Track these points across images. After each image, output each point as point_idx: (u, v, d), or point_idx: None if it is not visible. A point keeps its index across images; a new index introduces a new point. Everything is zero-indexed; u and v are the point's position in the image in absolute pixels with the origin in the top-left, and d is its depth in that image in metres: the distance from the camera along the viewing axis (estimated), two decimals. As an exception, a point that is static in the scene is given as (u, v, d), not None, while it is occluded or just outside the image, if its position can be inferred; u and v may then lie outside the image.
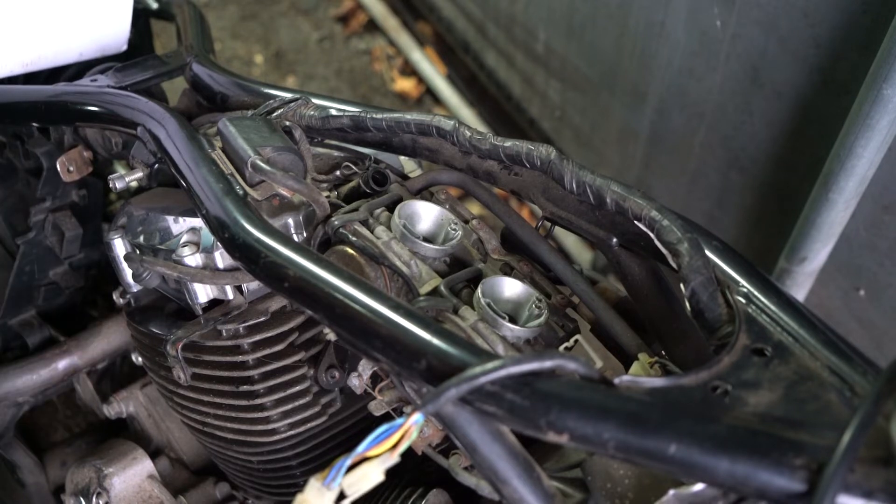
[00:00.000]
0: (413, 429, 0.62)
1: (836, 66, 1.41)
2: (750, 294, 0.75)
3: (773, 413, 0.62)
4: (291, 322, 1.07)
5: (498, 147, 0.90)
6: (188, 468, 1.36)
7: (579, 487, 0.76)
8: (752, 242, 1.80)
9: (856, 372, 0.66)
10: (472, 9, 2.69)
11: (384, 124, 0.97)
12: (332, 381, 1.09)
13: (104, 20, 1.28)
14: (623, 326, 0.89)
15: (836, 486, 0.54)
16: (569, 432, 0.62)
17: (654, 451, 0.60)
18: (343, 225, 0.92)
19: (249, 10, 3.31)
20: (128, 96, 1.12)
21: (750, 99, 1.62)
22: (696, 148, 1.83)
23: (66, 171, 1.27)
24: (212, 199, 0.89)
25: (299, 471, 1.16)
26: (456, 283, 0.89)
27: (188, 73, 1.22)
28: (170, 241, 1.06)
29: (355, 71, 3.12)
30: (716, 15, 1.61)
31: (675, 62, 1.78)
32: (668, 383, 0.65)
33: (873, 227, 1.48)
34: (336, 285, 0.76)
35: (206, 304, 1.06)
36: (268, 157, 0.93)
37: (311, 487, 0.60)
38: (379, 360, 0.73)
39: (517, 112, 2.65)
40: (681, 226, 0.77)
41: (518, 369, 0.64)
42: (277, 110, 1.04)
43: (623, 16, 1.90)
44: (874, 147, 1.28)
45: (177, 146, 0.98)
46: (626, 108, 2.03)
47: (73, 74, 1.33)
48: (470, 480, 0.79)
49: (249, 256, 0.83)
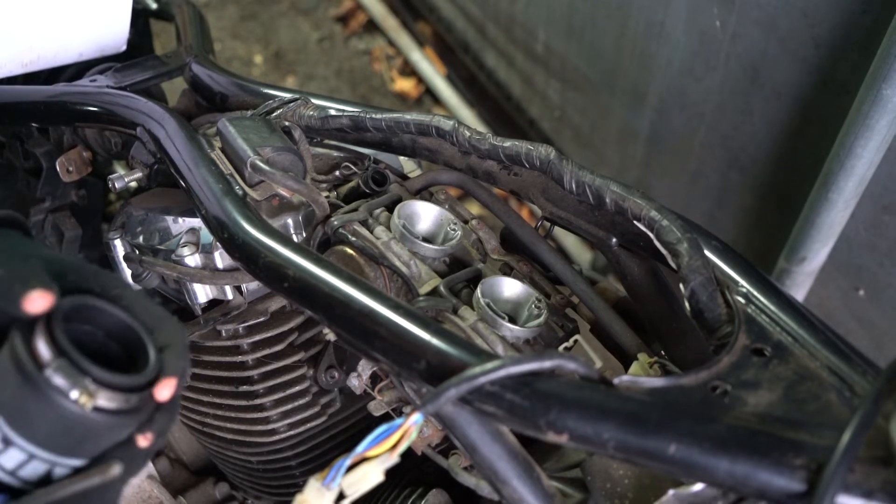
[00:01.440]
0: (413, 429, 0.62)
1: (835, 66, 1.41)
2: (749, 294, 0.75)
3: (772, 413, 0.62)
4: (291, 322, 1.07)
5: (497, 147, 0.90)
6: (188, 468, 1.36)
7: (579, 487, 0.76)
8: (752, 242, 1.80)
9: (855, 372, 0.66)
10: (472, 9, 2.69)
11: (383, 124, 0.97)
12: (332, 381, 1.09)
13: (103, 20, 1.28)
14: (622, 326, 0.89)
15: (835, 485, 0.54)
16: (568, 432, 0.62)
17: (653, 451, 0.60)
18: (342, 225, 0.92)
19: (249, 11, 3.31)
20: (127, 96, 1.12)
21: (750, 99, 1.62)
22: (695, 148, 1.83)
23: (66, 172, 1.26)
24: (211, 200, 0.89)
25: (299, 471, 1.16)
26: (455, 284, 0.89)
27: (187, 73, 1.22)
28: (169, 242, 1.06)
29: (355, 71, 3.12)
30: (715, 15, 1.61)
31: (674, 62, 1.78)
32: (668, 383, 0.65)
33: (873, 227, 1.48)
34: (335, 285, 0.76)
35: (206, 305, 1.06)
36: (267, 157, 0.93)
37: (311, 487, 0.60)
38: (378, 360, 0.73)
39: (517, 112, 2.65)
40: (680, 226, 0.77)
41: (518, 369, 0.64)
42: (277, 110, 1.04)
43: (623, 16, 1.90)
44: (874, 147, 1.28)
45: (176, 146, 0.98)
46: (625, 108, 2.03)
47: (72, 75, 1.33)
48: (469, 480, 0.79)
49: (249, 257, 0.83)
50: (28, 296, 0.53)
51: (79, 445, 0.56)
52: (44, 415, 0.54)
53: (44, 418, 0.54)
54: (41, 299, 0.54)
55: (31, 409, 0.54)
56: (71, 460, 0.56)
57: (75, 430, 0.55)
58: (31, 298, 0.53)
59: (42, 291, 0.54)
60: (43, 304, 0.54)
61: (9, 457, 0.55)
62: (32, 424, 0.54)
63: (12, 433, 0.54)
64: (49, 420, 0.54)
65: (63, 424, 0.54)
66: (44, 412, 0.54)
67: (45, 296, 0.54)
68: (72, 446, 0.55)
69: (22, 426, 0.54)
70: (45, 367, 0.53)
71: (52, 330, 0.54)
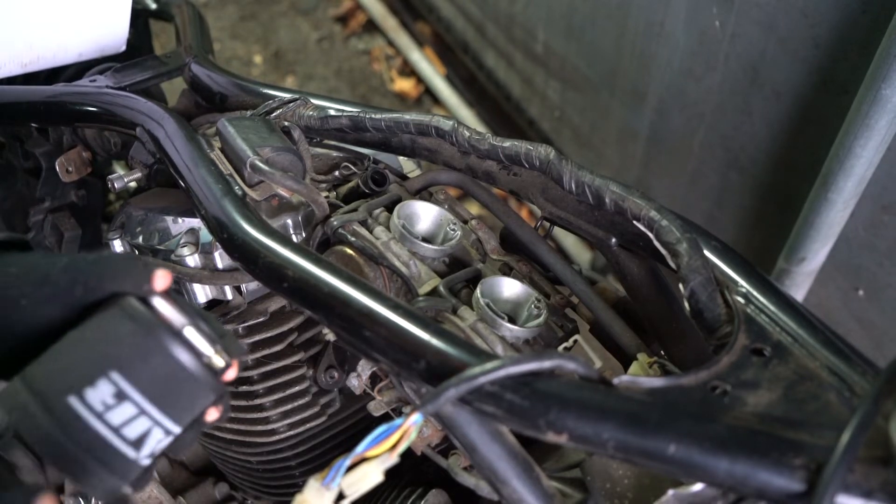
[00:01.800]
0: (412, 429, 0.62)
1: (835, 66, 1.41)
2: (749, 294, 0.75)
3: (772, 413, 0.62)
4: (290, 322, 1.07)
5: (497, 147, 0.90)
6: (187, 468, 1.36)
7: (579, 487, 0.76)
8: (752, 242, 1.80)
9: (855, 372, 0.66)
10: (472, 9, 2.69)
11: (383, 124, 0.97)
12: (332, 381, 1.09)
13: (103, 20, 1.28)
14: (622, 326, 0.89)
15: (835, 485, 0.54)
16: (568, 432, 0.62)
17: (653, 451, 0.60)
18: (342, 225, 0.92)
19: (248, 11, 3.31)
20: (127, 97, 1.12)
21: (749, 99, 1.62)
22: (695, 148, 1.83)
23: (65, 172, 1.27)
24: (211, 200, 0.89)
25: (298, 471, 1.16)
26: (455, 284, 0.89)
27: (187, 73, 1.22)
28: (169, 242, 1.06)
29: (354, 71, 3.12)
30: (715, 15, 1.61)
31: (674, 62, 1.78)
32: (668, 383, 0.65)
33: (872, 228, 1.48)
34: (335, 286, 0.76)
35: (206, 305, 1.06)
36: (267, 157, 0.93)
37: (311, 487, 0.60)
38: (378, 360, 0.73)
39: (516, 112, 2.65)
40: (680, 226, 0.77)
41: (517, 369, 0.64)
42: (276, 110, 1.04)
43: (622, 16, 1.90)
44: (873, 147, 1.28)
45: (176, 146, 0.98)
46: (625, 109, 2.03)
47: (72, 75, 1.33)
48: (469, 480, 0.79)
49: (248, 257, 0.83)
50: (155, 274, 0.63)
51: (183, 409, 0.62)
52: (164, 372, 0.60)
53: (163, 376, 0.60)
54: (165, 277, 0.64)
55: (153, 368, 0.60)
56: (171, 424, 0.61)
57: (186, 389, 0.61)
58: (158, 276, 0.63)
59: (164, 270, 0.63)
60: (166, 281, 0.64)
61: (119, 412, 0.59)
62: (151, 382, 0.60)
63: (129, 387, 0.58)
64: (167, 378, 0.60)
65: (178, 384, 0.61)
66: (165, 370, 0.60)
67: (167, 274, 0.64)
68: (178, 408, 0.61)
69: (141, 382, 0.59)
70: (180, 329, 0.61)
71: (176, 301, 0.63)
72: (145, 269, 0.63)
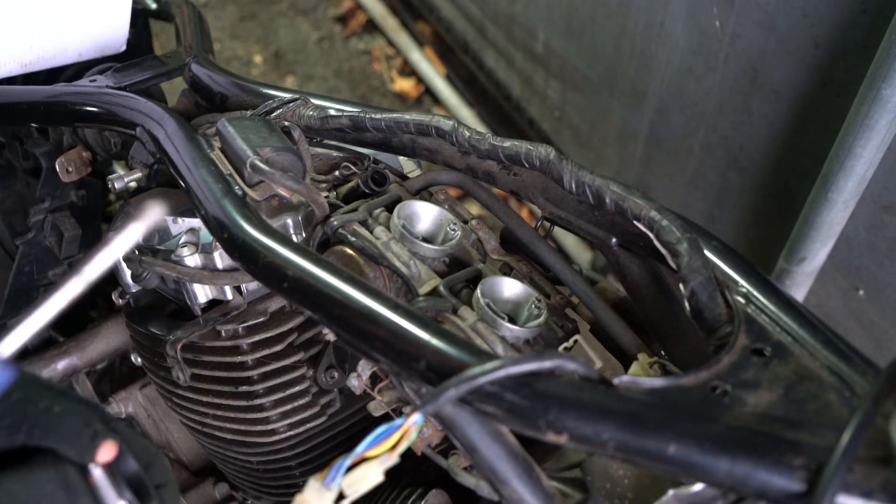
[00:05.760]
0: (412, 429, 0.62)
1: (835, 66, 1.41)
2: (749, 294, 0.75)
3: (772, 413, 0.62)
4: (290, 322, 1.07)
5: (497, 147, 0.90)
6: (187, 468, 1.36)
7: (579, 487, 0.76)
8: (752, 242, 1.80)
9: (855, 372, 0.66)
10: (472, 9, 2.69)
11: (383, 124, 0.97)
12: (332, 381, 1.09)
13: (103, 20, 1.28)
14: (622, 326, 0.89)
15: (835, 485, 0.54)
16: (568, 432, 0.62)
17: (653, 452, 0.60)
18: (342, 225, 0.92)
19: (248, 11, 3.31)
20: (127, 97, 1.12)
21: (749, 99, 1.62)
22: (695, 148, 1.83)
23: (65, 172, 1.27)
24: (211, 200, 0.89)
25: (298, 471, 1.16)
26: (455, 284, 0.89)
27: (187, 73, 1.22)
28: (169, 242, 1.06)
29: (354, 71, 3.12)
30: (715, 15, 1.61)
31: (674, 62, 1.78)
32: (668, 383, 0.65)
33: (872, 228, 1.48)
34: (335, 286, 0.76)
35: (206, 305, 1.06)
36: (267, 157, 0.93)
37: (311, 488, 0.60)
38: (378, 360, 0.73)
39: (516, 112, 2.65)
40: (680, 226, 0.77)
41: (517, 369, 0.64)
42: (276, 110, 1.04)
43: (622, 16, 1.90)
44: (873, 147, 1.28)
45: (176, 146, 0.98)
46: (625, 108, 2.04)
47: (71, 75, 1.33)
48: (469, 481, 0.79)
49: (248, 257, 0.83)
50: (102, 446, 0.60)
51: None
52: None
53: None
54: (110, 450, 0.61)
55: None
56: None
57: None
58: (104, 449, 0.60)
59: (111, 443, 0.60)
60: (111, 454, 0.61)
61: None
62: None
63: None
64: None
65: None
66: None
67: (113, 448, 0.61)
68: None
69: None
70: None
71: (113, 473, 0.61)
72: (93, 439, 0.61)
